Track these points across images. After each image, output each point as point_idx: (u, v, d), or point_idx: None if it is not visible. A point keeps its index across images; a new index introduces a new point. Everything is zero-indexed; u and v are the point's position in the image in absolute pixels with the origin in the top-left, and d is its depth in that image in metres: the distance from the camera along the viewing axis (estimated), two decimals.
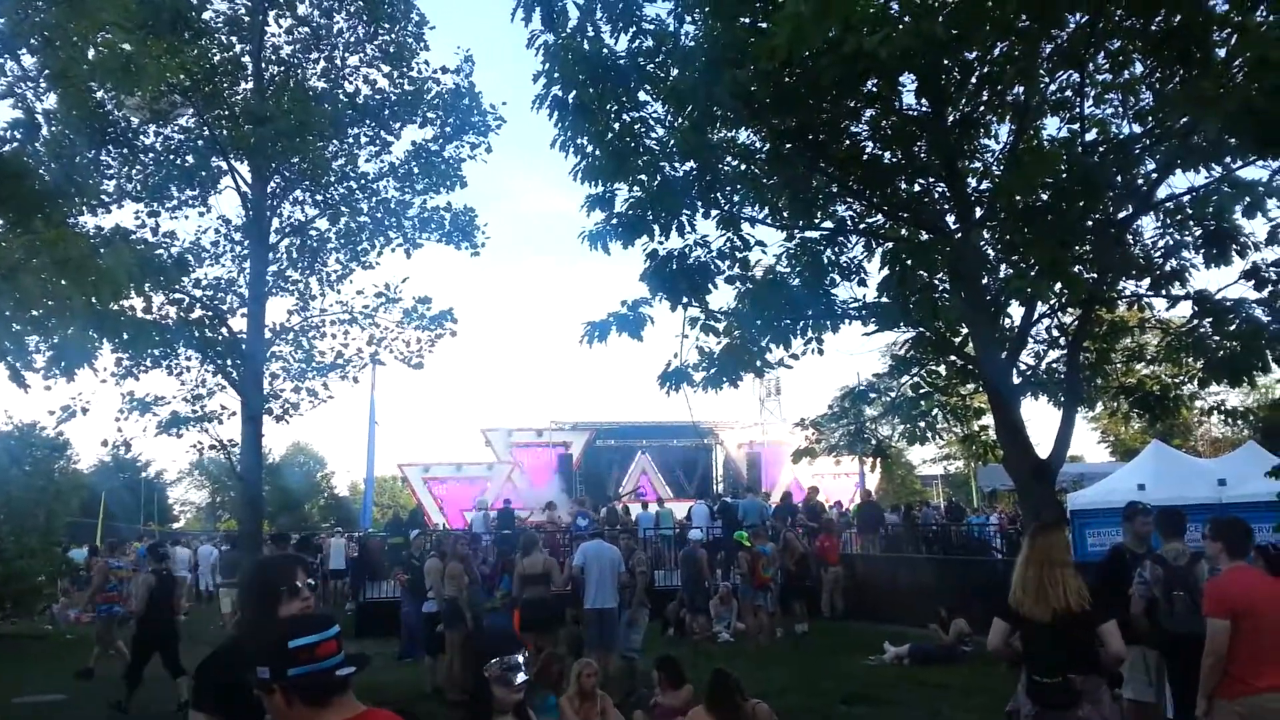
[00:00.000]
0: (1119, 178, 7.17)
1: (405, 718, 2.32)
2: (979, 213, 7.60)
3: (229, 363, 11.74)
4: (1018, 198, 6.94)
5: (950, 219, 7.86)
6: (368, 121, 12.59)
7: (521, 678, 3.32)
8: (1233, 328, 6.97)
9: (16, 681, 11.37)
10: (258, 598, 2.96)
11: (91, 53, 7.61)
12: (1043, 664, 4.77)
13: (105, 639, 12.35)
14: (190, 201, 12.37)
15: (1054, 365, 8.47)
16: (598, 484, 32.15)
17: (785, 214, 8.06)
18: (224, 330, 11.82)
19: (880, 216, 8.27)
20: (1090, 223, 7.36)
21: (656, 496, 24.98)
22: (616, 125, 7.48)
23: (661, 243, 7.70)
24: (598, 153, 7.52)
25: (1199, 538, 6.05)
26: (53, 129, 8.07)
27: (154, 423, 11.72)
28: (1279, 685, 4.58)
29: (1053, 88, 7.53)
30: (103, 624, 12.54)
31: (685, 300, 7.82)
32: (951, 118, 7.55)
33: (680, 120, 7.39)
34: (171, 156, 12.01)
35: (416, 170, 12.77)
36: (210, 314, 11.85)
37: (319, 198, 12.70)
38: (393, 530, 22.27)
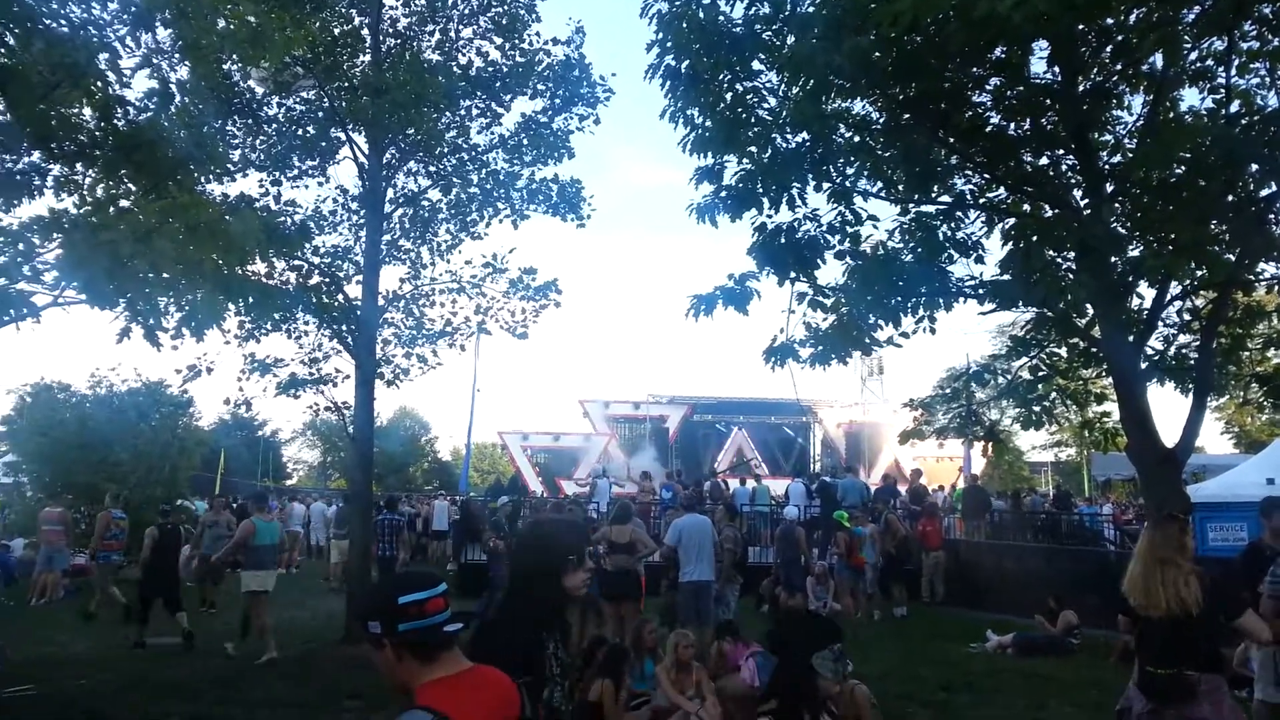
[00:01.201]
0: (1264, 153, 6.71)
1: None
2: (1109, 188, 7.23)
3: (344, 328, 12.10)
4: (1153, 172, 6.56)
5: (1078, 194, 7.51)
6: (479, 93, 12.71)
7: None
8: None
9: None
10: (540, 566, 2.81)
11: (220, 24, 7.89)
12: (1155, 656, 4.65)
13: (102, 584, 13.37)
14: (310, 171, 12.73)
15: (1184, 350, 8.04)
16: (693, 458, 32.23)
17: (900, 187, 7.82)
18: (340, 296, 12.17)
19: (1002, 191, 7.96)
20: (1231, 200, 6.92)
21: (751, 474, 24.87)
22: (729, 95, 7.37)
23: (770, 216, 7.58)
24: (708, 123, 7.44)
25: None
26: (184, 99, 8.38)
27: (273, 383, 12.19)
28: None
29: (1193, 56, 7.08)
30: (101, 570, 13.57)
31: (793, 275, 7.70)
32: (1083, 87, 7.18)
33: (794, 90, 7.22)
34: (293, 127, 12.38)
35: (525, 142, 12.86)
36: (328, 280, 12.21)
37: (431, 169, 12.91)
38: (494, 494, 22.84)
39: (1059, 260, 7.15)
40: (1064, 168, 7.58)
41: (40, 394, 21.26)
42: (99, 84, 7.75)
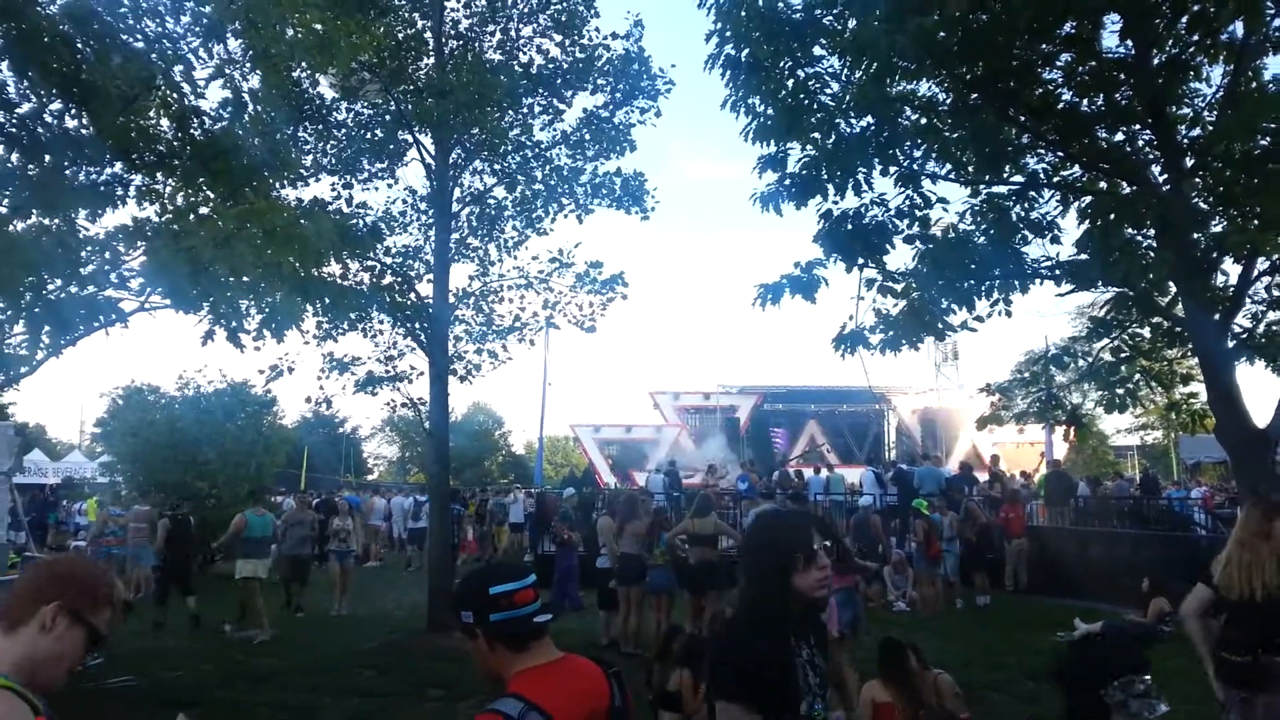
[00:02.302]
0: None
1: (600, 664, 2.38)
2: (1189, 163, 6.96)
3: (417, 326, 12.35)
4: (1235, 145, 6.29)
5: (1156, 170, 7.25)
6: (541, 90, 12.82)
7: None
8: None
9: (232, 616, 12.54)
10: (767, 566, 2.54)
11: (289, 33, 8.10)
12: (1237, 643, 4.55)
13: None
14: (380, 174, 13.02)
15: (1274, 326, 7.70)
16: (764, 447, 32.06)
17: (970, 168, 7.65)
18: (412, 295, 12.42)
19: (1077, 169, 7.72)
20: None
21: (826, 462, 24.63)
22: (790, 82, 7.30)
23: (836, 202, 7.51)
24: (770, 111, 7.39)
25: None
26: (256, 108, 8.62)
27: (351, 381, 12.52)
28: None
29: (1276, 23, 6.76)
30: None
31: (861, 261, 7.61)
32: (1158, 60, 6.92)
33: (857, 74, 7.12)
34: (361, 131, 12.67)
35: (588, 137, 12.94)
36: (400, 280, 12.48)
37: (496, 167, 13.06)
38: (567, 487, 23.06)
39: (1139, 238, 6.91)
40: (1141, 143, 7.32)
41: (131, 396, 22.11)
42: (175, 95, 8.05)
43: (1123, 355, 7.84)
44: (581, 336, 19.20)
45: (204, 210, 8.32)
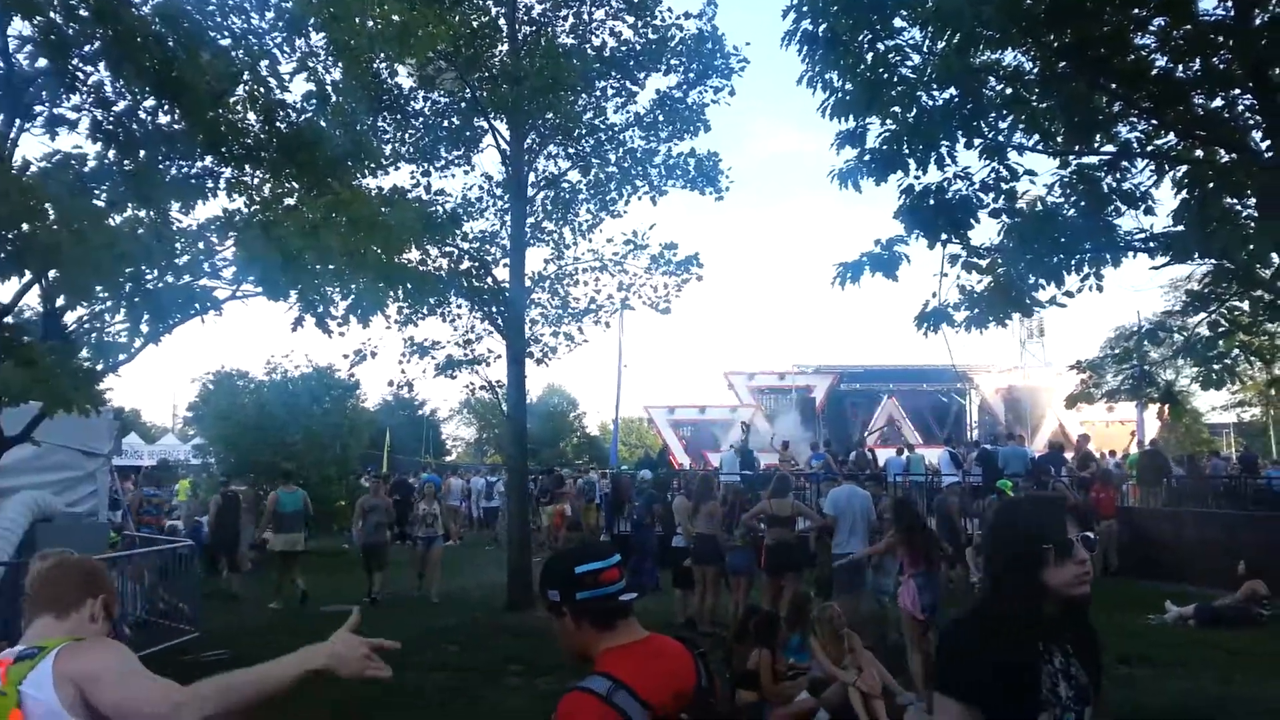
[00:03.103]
0: None
1: (687, 644, 2.39)
2: None
3: (494, 309, 12.55)
4: None
5: (1257, 136, 6.91)
6: (614, 73, 12.84)
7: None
8: None
9: (323, 592, 12.97)
10: (1016, 557, 2.24)
11: (369, 25, 8.26)
12: None
13: None
14: (457, 161, 13.22)
15: None
16: (841, 427, 31.71)
17: (1059, 139, 7.40)
18: (489, 280, 12.62)
19: (1172, 137, 7.40)
20: None
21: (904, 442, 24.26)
22: (869, 56, 7.13)
23: (918, 177, 7.32)
24: (848, 86, 7.23)
25: None
26: (338, 99, 8.81)
27: (431, 365, 12.80)
28: None
29: None
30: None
31: (944, 237, 7.43)
32: (1259, 20, 6.58)
33: (940, 45, 6.93)
34: (438, 119, 12.88)
35: (661, 118, 12.92)
36: (477, 264, 12.67)
37: (570, 150, 13.15)
38: (641, 468, 23.19)
39: (1238, 208, 6.60)
40: (1241, 109, 6.99)
41: (221, 381, 22.98)
42: (261, 89, 8.27)
43: (1220, 330, 7.51)
44: (656, 318, 19.25)
45: (290, 201, 8.55)
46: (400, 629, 11.04)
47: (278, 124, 8.43)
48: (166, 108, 7.77)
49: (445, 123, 12.84)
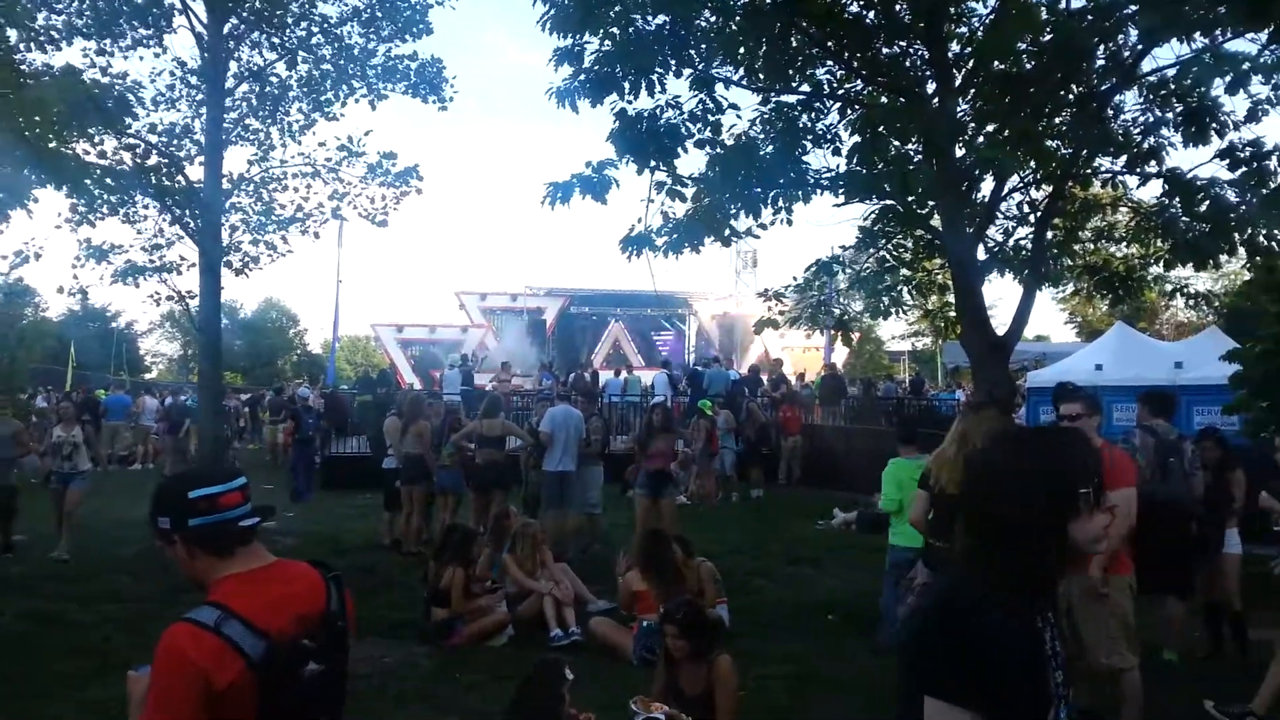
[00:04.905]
0: (1101, 47, 6.92)
1: (319, 568, 2.30)
2: (959, 80, 7.35)
3: (187, 212, 11.37)
4: (997, 64, 6.69)
5: (931, 85, 7.61)
6: None
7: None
8: (1202, 208, 6.89)
9: None
10: (1039, 507, 1.64)
11: None
12: (940, 533, 5.13)
13: None
14: (144, 41, 11.68)
15: (1021, 242, 8.39)
16: (571, 350, 32.31)
17: (761, 76, 7.76)
18: (181, 179, 11.38)
19: (859, 82, 7.99)
20: (1070, 95, 7.15)
21: (631, 365, 25.13)
22: None
23: (630, 102, 7.40)
24: (568, 0, 7.14)
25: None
26: None
27: (110, 271, 11.43)
28: None
29: None
30: None
31: (653, 164, 7.59)
32: None
33: None
34: None
35: (380, 15, 12.14)
36: (167, 161, 11.38)
37: (277, 40, 12.05)
38: (363, 388, 22.38)
39: (907, 152, 7.27)
40: (916, 58, 7.65)
41: None
42: None
43: (887, 265, 8.33)
44: (379, 232, 18.38)
45: None
46: (73, 557, 10.02)
47: None
48: None
49: None
